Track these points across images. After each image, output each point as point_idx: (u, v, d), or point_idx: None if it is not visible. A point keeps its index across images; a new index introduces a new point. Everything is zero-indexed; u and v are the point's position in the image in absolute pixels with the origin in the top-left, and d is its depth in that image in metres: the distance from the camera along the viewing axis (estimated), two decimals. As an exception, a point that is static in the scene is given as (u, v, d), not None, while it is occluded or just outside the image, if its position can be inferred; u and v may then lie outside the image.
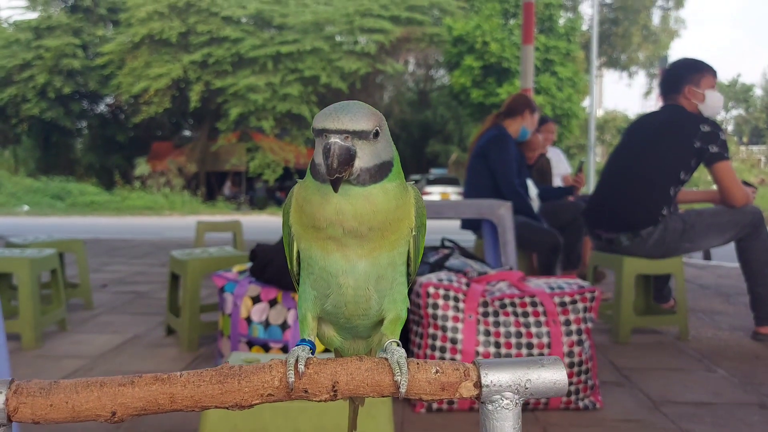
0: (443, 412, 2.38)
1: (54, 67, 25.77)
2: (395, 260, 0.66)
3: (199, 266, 3.33)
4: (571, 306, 2.42)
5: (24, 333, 3.29)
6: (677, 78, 3.43)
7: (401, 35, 25.15)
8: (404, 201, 0.65)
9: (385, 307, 0.68)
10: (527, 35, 6.90)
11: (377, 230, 0.62)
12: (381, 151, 0.62)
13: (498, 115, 4.31)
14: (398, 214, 0.64)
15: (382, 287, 0.66)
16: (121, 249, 8.30)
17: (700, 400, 2.55)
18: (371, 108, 0.62)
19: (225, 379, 0.54)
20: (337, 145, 0.58)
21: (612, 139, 33.54)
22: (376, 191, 0.62)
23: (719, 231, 3.37)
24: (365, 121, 0.60)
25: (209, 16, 24.90)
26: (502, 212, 3.40)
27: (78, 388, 0.52)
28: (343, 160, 0.58)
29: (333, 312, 0.68)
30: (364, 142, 0.60)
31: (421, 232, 0.68)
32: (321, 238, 0.63)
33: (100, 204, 23.65)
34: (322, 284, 0.66)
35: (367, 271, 0.64)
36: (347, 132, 0.59)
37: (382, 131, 0.62)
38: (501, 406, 0.55)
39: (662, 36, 32.43)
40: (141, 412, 0.53)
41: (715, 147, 3.27)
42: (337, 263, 0.64)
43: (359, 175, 0.61)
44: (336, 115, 0.60)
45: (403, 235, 0.66)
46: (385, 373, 0.56)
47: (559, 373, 0.56)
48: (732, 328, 3.76)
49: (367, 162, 0.61)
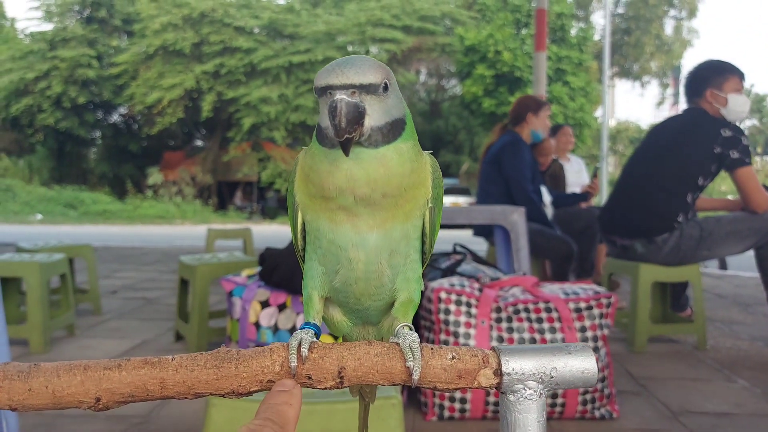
0: (455, 420, 2.32)
1: (69, 77, 26.05)
2: (409, 233, 0.61)
3: (208, 271, 3.29)
4: (586, 312, 2.36)
5: (32, 338, 3.27)
6: (699, 81, 3.35)
7: (413, 45, 25.20)
8: (420, 165, 0.59)
9: (398, 286, 0.62)
10: (539, 42, 6.85)
11: (391, 197, 0.57)
12: (392, 108, 0.56)
13: (504, 126, 4.28)
14: (413, 179, 0.58)
15: (395, 262, 0.61)
16: (132, 256, 8.30)
17: (720, 410, 2.47)
18: (377, 60, 0.57)
19: (221, 364, 0.50)
20: (344, 102, 0.53)
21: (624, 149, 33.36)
22: (389, 152, 0.56)
23: (738, 238, 3.29)
24: (372, 73, 0.55)
25: (222, 27, 25.07)
26: (515, 218, 3.34)
27: (59, 372, 0.48)
28: (351, 118, 0.53)
29: (342, 290, 0.63)
30: (373, 97, 0.55)
31: (437, 205, 0.63)
32: (329, 209, 0.58)
33: (113, 213, 23.78)
34: (331, 259, 0.61)
35: (379, 245, 0.59)
36: (353, 86, 0.54)
37: (392, 85, 0.57)
38: (524, 397, 0.50)
39: (675, 46, 32.29)
40: (128, 399, 0.49)
41: (736, 152, 3.19)
42: (347, 235, 0.59)
43: (370, 134, 0.55)
44: (340, 69, 0.54)
45: (419, 204, 0.60)
46: (396, 359, 0.51)
47: (589, 360, 0.51)
48: (752, 338, 3.67)
49: (377, 120, 0.55)
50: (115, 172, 29.30)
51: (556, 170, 5.03)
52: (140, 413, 2.39)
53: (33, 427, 2.23)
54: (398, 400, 1.40)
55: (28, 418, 2.30)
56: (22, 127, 27.37)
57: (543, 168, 4.99)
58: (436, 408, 2.33)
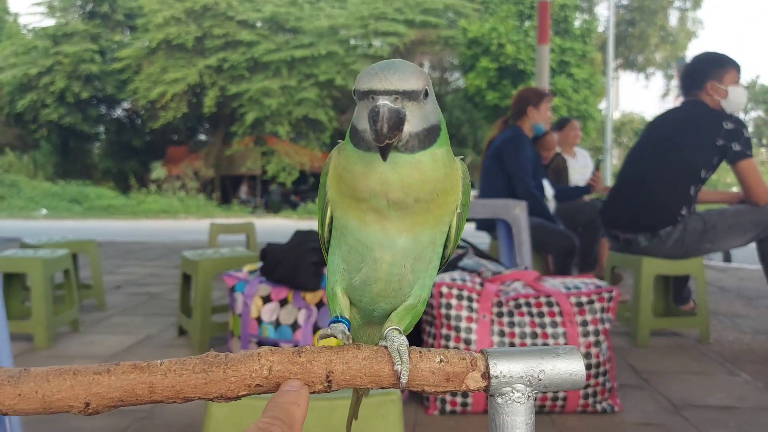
0: (456, 415, 2.33)
1: (72, 73, 26.07)
2: (437, 239, 0.61)
3: (210, 266, 3.30)
4: (588, 306, 2.36)
5: (36, 333, 3.29)
6: (699, 73, 3.34)
7: (416, 38, 25.13)
8: (452, 170, 0.60)
9: (414, 291, 0.63)
10: (542, 35, 6.82)
11: (423, 202, 0.57)
12: (429, 114, 0.57)
13: (506, 121, 4.27)
14: (446, 185, 0.59)
15: (419, 267, 0.61)
16: (136, 251, 8.33)
17: (723, 404, 2.47)
18: (417, 66, 0.56)
19: (209, 368, 0.50)
20: (387, 108, 0.52)
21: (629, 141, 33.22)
22: (425, 158, 0.56)
23: (741, 231, 3.29)
24: (415, 79, 0.54)
25: (225, 20, 25.05)
26: (517, 212, 3.34)
27: (49, 377, 0.48)
28: (393, 124, 0.52)
29: (360, 288, 0.63)
30: (413, 103, 0.55)
31: (464, 212, 0.63)
32: (360, 209, 0.58)
33: (117, 207, 23.85)
34: (356, 257, 0.61)
35: (406, 248, 0.59)
36: (397, 92, 0.53)
37: (430, 91, 0.57)
38: (512, 399, 0.50)
39: (679, 37, 32.09)
40: (118, 404, 0.49)
41: (738, 145, 3.19)
42: (375, 236, 0.59)
43: (408, 140, 0.55)
44: (383, 74, 0.54)
45: (449, 210, 0.61)
46: (384, 362, 0.51)
47: (576, 363, 0.51)
48: (755, 332, 3.66)
49: (416, 126, 0.55)
50: (119, 167, 29.35)
51: (559, 164, 5.01)
52: (144, 408, 2.41)
53: (37, 422, 2.25)
54: (397, 396, 1.40)
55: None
56: (26, 122, 27.43)
57: (546, 162, 4.97)
58: (438, 402, 2.34)
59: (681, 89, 3.49)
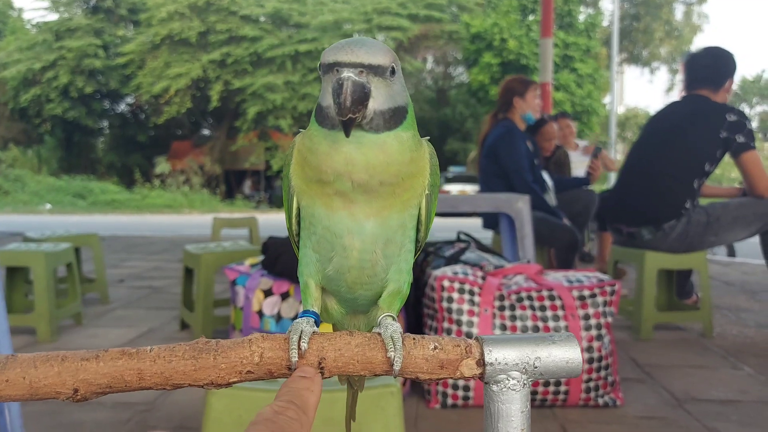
0: (458, 408, 2.32)
1: (76, 68, 26.11)
2: (406, 222, 0.60)
3: (212, 260, 3.30)
4: (590, 300, 2.35)
5: (39, 326, 3.29)
6: (716, 71, 3.33)
7: (419, 33, 25.08)
8: (419, 154, 0.58)
9: (390, 276, 0.62)
10: (545, 28, 6.79)
11: (389, 185, 0.56)
12: (396, 94, 0.55)
13: (495, 115, 4.19)
14: (412, 168, 0.57)
15: (390, 252, 0.60)
16: (139, 245, 8.34)
17: (725, 397, 2.46)
18: (385, 44, 0.55)
19: (199, 355, 0.50)
20: (351, 80, 0.51)
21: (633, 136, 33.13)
22: (390, 139, 0.55)
23: (744, 223, 3.27)
24: (382, 54, 0.53)
25: (228, 15, 25.03)
26: (519, 206, 3.32)
27: (36, 363, 0.48)
28: (357, 97, 0.51)
29: (335, 278, 0.62)
30: (380, 79, 0.53)
31: (434, 193, 0.62)
32: (326, 194, 0.57)
33: (121, 202, 23.91)
34: (325, 246, 0.60)
35: (375, 233, 0.58)
36: (362, 66, 0.52)
37: (398, 71, 0.55)
38: (507, 387, 0.50)
39: (685, 31, 31.95)
40: (106, 390, 0.49)
41: (741, 137, 3.17)
42: (343, 222, 0.58)
43: (372, 118, 0.54)
44: (350, 47, 0.53)
45: (417, 193, 0.59)
46: (377, 349, 0.51)
47: (573, 350, 0.50)
48: (758, 326, 3.65)
49: (381, 104, 0.54)
50: (123, 161, 29.43)
51: (561, 157, 4.99)
52: (146, 400, 2.41)
53: (39, 415, 2.25)
54: (397, 388, 1.40)
55: (33, 405, 2.32)
56: (30, 117, 27.51)
57: (548, 154, 4.95)
58: (439, 396, 2.33)
59: (687, 82, 3.46)
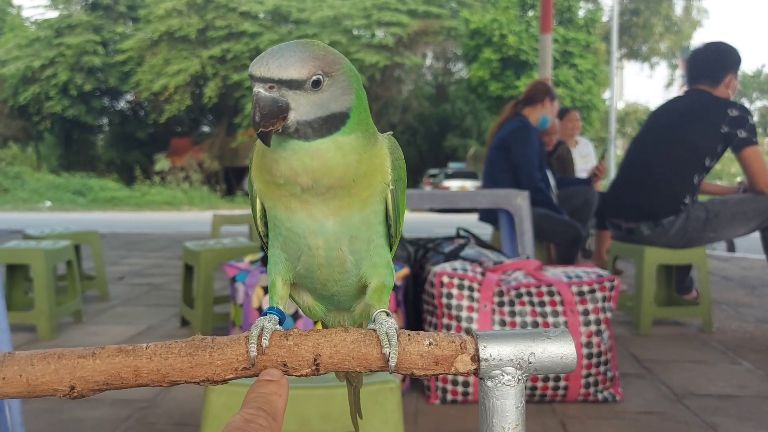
0: (458, 404, 2.33)
1: (75, 65, 26.09)
2: (369, 219, 0.60)
3: (212, 257, 3.31)
4: (589, 295, 2.35)
5: (39, 324, 3.29)
6: (718, 66, 3.32)
7: (419, 28, 25.04)
8: (372, 154, 0.58)
9: (364, 272, 0.62)
10: (545, 24, 6.77)
11: (339, 188, 0.56)
12: (328, 102, 0.54)
13: (517, 104, 4.19)
14: (363, 169, 0.57)
15: (356, 248, 0.60)
16: (139, 242, 8.35)
17: (724, 392, 2.47)
18: (316, 50, 0.53)
19: (195, 352, 0.50)
20: (260, 96, 0.51)
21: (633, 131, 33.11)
22: (325, 146, 0.54)
23: (744, 220, 3.27)
24: (298, 67, 0.52)
25: (227, 12, 25.01)
26: (518, 202, 3.33)
27: (34, 361, 0.48)
28: (267, 113, 0.51)
29: (307, 276, 0.62)
30: (299, 92, 0.52)
31: (399, 187, 0.61)
32: (284, 196, 0.57)
33: (121, 199, 23.91)
34: (291, 246, 0.60)
35: (337, 231, 0.58)
36: (272, 81, 0.51)
37: (332, 77, 0.53)
38: (502, 383, 0.50)
39: (684, 26, 31.89)
40: (103, 387, 0.49)
41: (743, 132, 3.17)
42: (304, 223, 0.58)
43: (298, 128, 0.53)
44: (265, 59, 0.52)
45: (377, 190, 0.59)
46: (372, 346, 0.51)
47: (567, 346, 0.50)
48: (757, 321, 3.65)
49: (305, 114, 0.53)
50: (122, 158, 29.43)
51: (563, 154, 4.99)
52: (145, 398, 2.42)
53: (39, 412, 2.26)
54: (396, 384, 1.40)
55: (33, 403, 2.32)
56: (30, 114, 27.49)
57: (548, 148, 4.94)
58: (439, 392, 2.34)
59: (687, 78, 3.46)
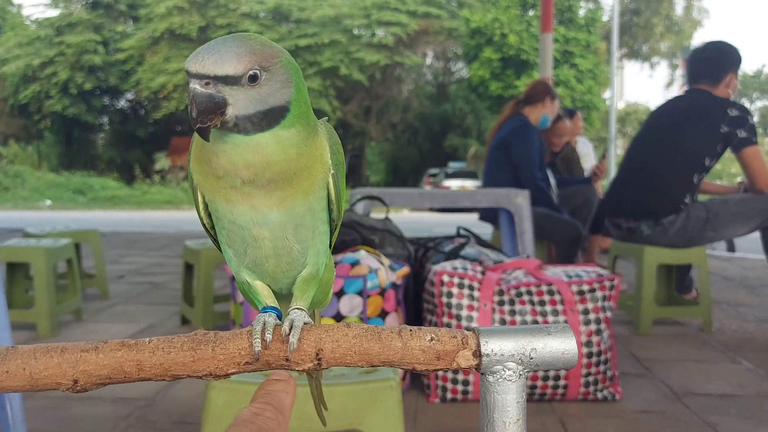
0: (457, 402, 2.33)
1: (75, 63, 26.10)
2: (313, 206, 0.59)
3: (212, 255, 3.31)
4: (589, 294, 2.36)
5: (39, 322, 3.30)
6: (718, 65, 3.32)
7: (419, 28, 25.06)
8: (310, 146, 0.57)
9: (309, 260, 0.61)
10: (546, 23, 6.77)
11: (280, 181, 0.55)
12: (267, 96, 0.53)
13: (518, 103, 4.19)
14: (304, 162, 0.56)
15: (302, 236, 0.59)
16: (139, 241, 8.35)
17: (724, 391, 2.47)
18: (252, 44, 0.53)
19: (197, 346, 0.50)
20: (196, 92, 0.51)
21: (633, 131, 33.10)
22: (265, 140, 0.53)
23: (744, 219, 3.28)
24: (234, 63, 0.51)
25: (228, 11, 25.03)
26: (519, 201, 3.33)
27: (37, 354, 0.48)
28: (204, 109, 0.51)
29: (256, 269, 0.61)
30: (236, 87, 0.52)
31: (339, 171, 0.61)
32: (224, 188, 0.56)
33: (121, 198, 23.91)
34: (237, 239, 0.59)
35: (282, 221, 0.57)
36: (208, 77, 0.51)
37: (270, 71, 0.53)
38: (503, 378, 0.50)
39: (685, 26, 31.90)
40: (106, 381, 0.49)
41: (743, 132, 3.17)
42: (246, 214, 0.57)
43: (237, 123, 0.52)
44: (200, 56, 0.51)
45: (318, 178, 0.58)
46: (374, 341, 0.51)
47: (569, 341, 0.50)
48: (758, 320, 3.66)
49: (244, 109, 0.52)
50: (123, 157, 29.44)
51: (568, 153, 4.99)
52: (146, 396, 2.42)
53: (41, 410, 2.26)
54: (396, 382, 1.40)
55: (35, 400, 2.33)
56: (30, 113, 27.50)
57: (556, 149, 4.95)
58: (438, 390, 2.34)
59: (688, 77, 3.46)
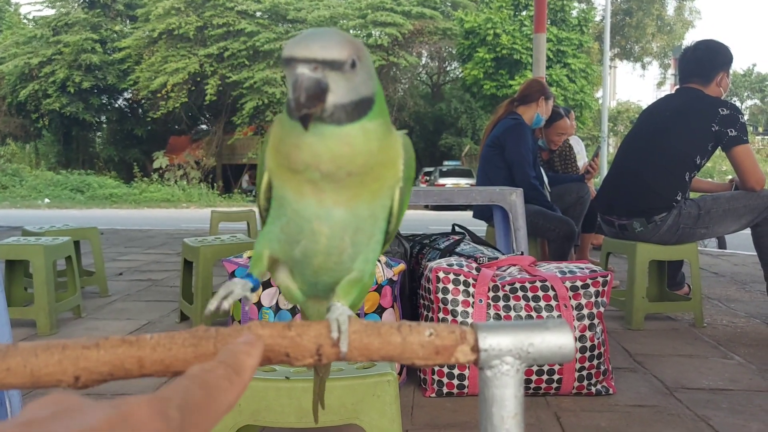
0: (453, 397, 2.37)
1: (73, 62, 26.01)
2: (376, 212, 0.60)
3: (210, 252, 3.34)
4: (582, 290, 2.40)
5: (39, 319, 3.32)
6: (709, 64, 3.36)
7: (414, 28, 25.05)
8: (389, 144, 0.58)
9: (357, 266, 0.62)
10: (539, 23, 6.78)
11: (357, 175, 0.56)
12: (359, 85, 0.54)
13: (512, 102, 4.22)
14: (381, 158, 0.57)
15: (359, 240, 0.60)
16: (138, 239, 8.36)
17: (716, 386, 2.51)
18: (347, 35, 0.54)
19: (198, 342, 0.50)
20: (305, 77, 0.51)
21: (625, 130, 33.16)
22: (354, 131, 0.54)
23: (735, 216, 3.32)
24: (338, 48, 0.52)
25: (225, 11, 24.98)
26: (513, 198, 3.36)
27: (37, 351, 0.47)
28: (312, 94, 0.51)
29: (301, 261, 0.62)
30: (337, 73, 0.52)
31: (407, 185, 0.61)
32: (296, 180, 0.57)
33: (119, 197, 23.86)
34: (295, 228, 0.60)
35: (344, 220, 0.58)
36: (316, 61, 0.51)
37: (361, 62, 0.54)
38: (501, 372, 0.51)
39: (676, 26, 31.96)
40: (107, 378, 0.49)
41: (734, 130, 3.21)
42: (311, 208, 0.58)
43: (333, 112, 0.53)
44: (305, 41, 0.52)
45: (387, 184, 0.59)
46: (373, 336, 0.52)
47: (565, 336, 0.51)
48: (748, 316, 3.70)
49: (341, 97, 0.53)
50: (121, 156, 29.35)
51: (565, 150, 5.03)
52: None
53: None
54: (393, 376, 1.43)
55: (34, 398, 2.35)
56: (28, 112, 27.40)
57: (555, 147, 4.98)
58: (435, 384, 2.38)
59: (679, 76, 3.50)
